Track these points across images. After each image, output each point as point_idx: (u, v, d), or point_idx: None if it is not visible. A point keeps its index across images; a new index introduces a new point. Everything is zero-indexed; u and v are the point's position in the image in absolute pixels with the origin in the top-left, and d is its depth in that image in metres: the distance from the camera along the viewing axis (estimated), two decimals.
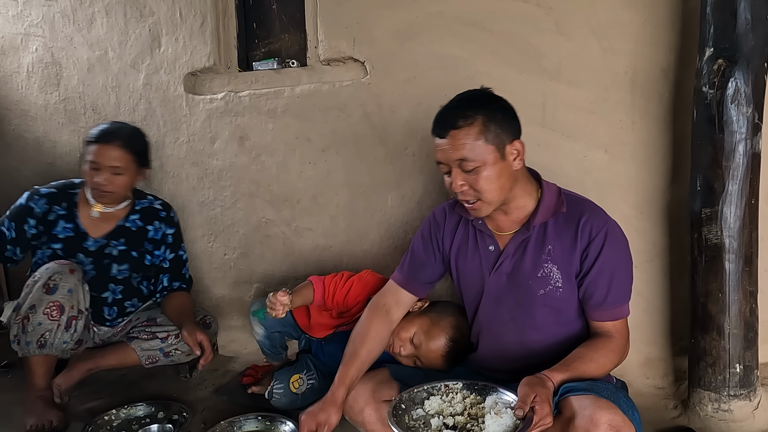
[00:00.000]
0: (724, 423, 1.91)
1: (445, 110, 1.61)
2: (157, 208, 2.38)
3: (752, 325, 1.91)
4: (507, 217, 1.68)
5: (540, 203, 1.64)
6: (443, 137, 1.57)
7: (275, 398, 2.10)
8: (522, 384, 1.43)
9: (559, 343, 1.64)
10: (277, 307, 1.98)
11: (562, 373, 1.48)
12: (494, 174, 1.56)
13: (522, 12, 2.19)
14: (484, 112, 1.55)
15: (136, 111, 2.81)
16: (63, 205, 2.25)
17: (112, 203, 2.26)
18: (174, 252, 2.38)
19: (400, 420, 1.50)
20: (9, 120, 3.06)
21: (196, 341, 2.12)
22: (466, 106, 1.58)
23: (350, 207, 2.57)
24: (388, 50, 2.39)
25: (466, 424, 1.46)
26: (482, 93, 1.63)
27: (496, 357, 1.74)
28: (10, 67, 3.01)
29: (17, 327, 2.05)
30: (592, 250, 1.59)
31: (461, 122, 1.54)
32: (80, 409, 2.21)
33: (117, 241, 2.28)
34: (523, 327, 1.68)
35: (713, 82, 1.83)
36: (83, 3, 2.82)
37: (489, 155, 1.54)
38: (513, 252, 1.66)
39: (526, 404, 1.37)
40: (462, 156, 1.54)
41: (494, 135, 1.55)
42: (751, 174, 1.85)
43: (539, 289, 1.63)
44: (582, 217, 1.61)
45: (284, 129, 2.60)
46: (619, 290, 1.60)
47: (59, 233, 2.23)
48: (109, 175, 2.15)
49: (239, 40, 2.73)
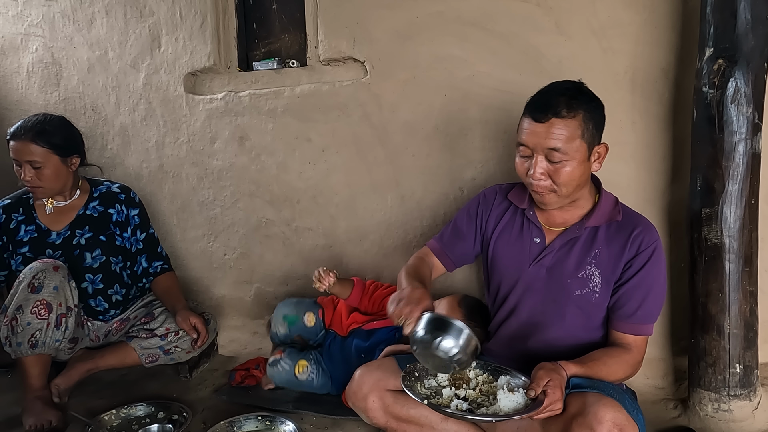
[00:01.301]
0: (724, 423, 1.91)
1: (549, 95, 1.56)
2: (115, 191, 2.40)
3: (752, 325, 1.91)
4: (561, 214, 1.68)
5: (596, 207, 1.65)
6: (541, 121, 1.53)
7: (278, 370, 2.14)
8: (537, 368, 1.46)
9: (578, 345, 1.65)
10: (324, 282, 2.14)
11: (577, 367, 1.50)
12: (577, 172, 1.55)
13: (522, 12, 2.19)
14: (587, 108, 1.54)
15: (136, 111, 2.81)
16: (20, 211, 2.30)
17: (50, 197, 2.28)
18: (144, 231, 2.43)
19: (413, 386, 1.52)
20: (9, 120, 3.06)
21: (190, 325, 2.22)
22: (571, 96, 1.54)
23: (350, 207, 2.57)
24: (388, 50, 2.39)
25: (476, 398, 1.49)
26: (586, 88, 1.60)
27: (513, 349, 1.74)
28: (10, 67, 3.01)
29: (6, 329, 2.06)
30: (636, 262, 1.60)
31: (565, 112, 1.51)
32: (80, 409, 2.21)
33: (81, 229, 2.31)
34: (550, 323, 1.69)
35: (713, 82, 1.83)
36: (83, 3, 2.83)
37: (579, 153, 1.53)
38: (559, 248, 1.67)
39: (539, 386, 1.40)
40: (555, 146, 1.52)
41: (590, 134, 1.54)
42: (751, 174, 1.85)
43: (577, 289, 1.64)
44: (636, 228, 1.62)
45: (284, 129, 2.60)
46: (650, 307, 1.61)
47: (23, 237, 2.27)
48: (31, 170, 2.17)
49: (239, 40, 2.73)
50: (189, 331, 2.24)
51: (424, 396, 1.50)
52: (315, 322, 2.24)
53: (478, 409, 1.44)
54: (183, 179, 2.80)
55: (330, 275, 2.16)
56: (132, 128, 2.84)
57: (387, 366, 1.75)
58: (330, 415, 2.10)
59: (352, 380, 1.75)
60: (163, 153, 2.80)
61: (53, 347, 2.09)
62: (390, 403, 1.66)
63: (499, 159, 2.31)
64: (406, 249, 2.51)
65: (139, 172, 2.86)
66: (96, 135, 2.89)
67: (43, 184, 2.20)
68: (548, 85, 1.61)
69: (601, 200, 1.66)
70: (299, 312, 2.24)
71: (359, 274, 2.53)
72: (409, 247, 2.50)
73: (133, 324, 2.37)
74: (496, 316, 1.82)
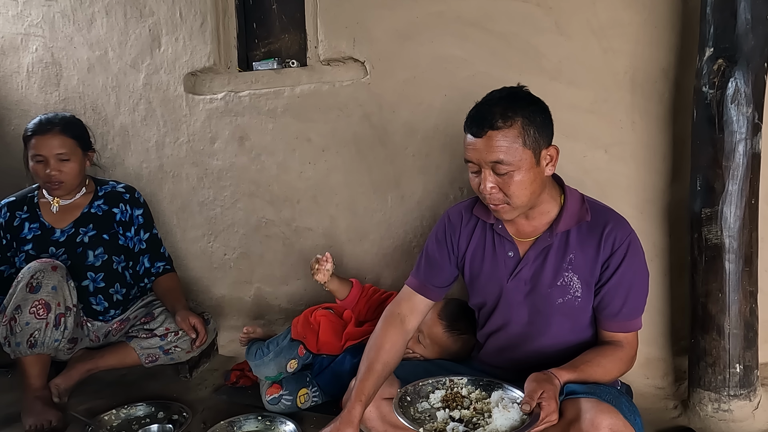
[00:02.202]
0: (724, 423, 1.91)
1: (483, 107, 1.53)
2: (120, 191, 2.41)
3: (752, 325, 1.91)
4: (529, 223, 1.64)
5: (563, 210, 1.61)
6: (479, 136, 1.49)
7: (281, 407, 2.07)
8: (529, 380, 1.43)
9: (568, 348, 1.63)
10: (323, 271, 2.11)
11: (570, 372, 1.48)
12: (527, 179, 1.50)
13: (522, 12, 2.19)
14: (524, 114, 1.49)
15: (136, 111, 2.81)
16: (24, 209, 2.32)
17: (67, 194, 2.29)
18: (148, 231, 2.43)
19: (406, 411, 1.50)
20: (9, 120, 3.07)
21: (190, 325, 2.22)
22: (506, 105, 1.49)
23: (350, 207, 2.57)
24: (388, 50, 2.39)
25: (472, 418, 1.46)
26: (523, 93, 1.56)
27: (504, 358, 1.73)
28: (10, 67, 3.01)
29: (5, 329, 2.06)
30: (613, 260, 1.57)
31: (501, 122, 1.47)
32: (80, 409, 2.21)
33: (85, 227, 2.31)
34: (537, 334, 1.66)
35: (713, 82, 1.83)
36: (83, 3, 2.83)
37: (525, 160, 1.48)
38: (533, 259, 1.63)
39: (533, 399, 1.37)
40: (497, 158, 1.48)
41: (533, 139, 1.49)
42: (751, 174, 1.85)
43: (558, 297, 1.61)
44: (606, 226, 1.58)
45: (284, 129, 2.60)
46: (634, 303, 1.59)
47: (27, 235, 2.28)
48: (57, 164, 2.18)
49: (239, 40, 2.73)
50: (188, 331, 2.24)
51: (418, 421, 1.47)
52: (299, 362, 2.13)
53: (475, 431, 1.41)
54: (183, 179, 2.80)
55: (327, 258, 2.13)
56: (132, 128, 2.84)
57: None
58: (330, 415, 2.09)
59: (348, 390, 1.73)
60: (163, 153, 2.80)
61: (52, 347, 2.09)
62: (387, 412, 1.63)
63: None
64: (406, 249, 2.51)
65: (139, 172, 2.86)
66: (96, 135, 2.84)
67: (65, 179, 2.22)
68: (485, 96, 1.57)
69: (567, 201, 1.61)
70: (280, 368, 2.10)
71: (359, 275, 2.53)
72: (409, 247, 2.50)
73: (133, 324, 2.37)
74: (483, 329, 1.79)
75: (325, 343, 2.14)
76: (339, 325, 2.20)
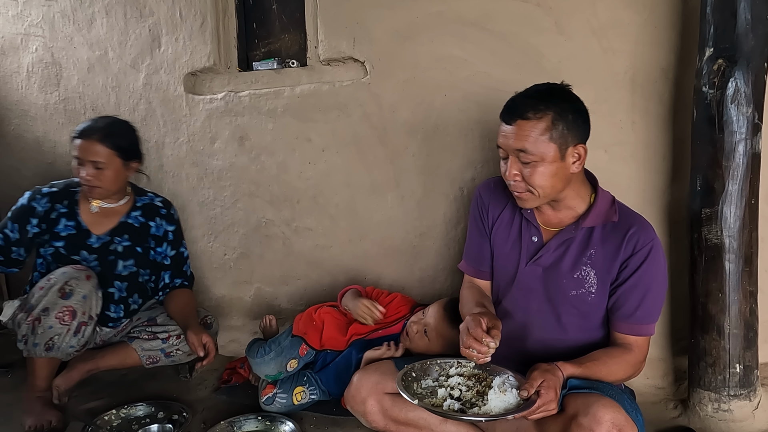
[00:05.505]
0: (724, 423, 1.91)
1: (519, 98, 1.59)
2: (158, 205, 2.38)
3: (752, 325, 1.91)
4: (555, 214, 1.69)
5: (592, 208, 1.64)
6: (509, 124, 1.57)
7: (276, 406, 2.08)
8: (533, 368, 1.46)
9: (577, 346, 1.65)
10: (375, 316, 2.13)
11: (574, 367, 1.50)
12: (549, 172, 1.55)
13: (522, 12, 2.19)
14: (556, 109, 1.54)
15: (136, 111, 2.81)
16: (64, 203, 2.25)
17: (104, 198, 2.25)
18: (175, 249, 2.38)
19: (409, 386, 1.53)
20: (9, 120, 3.07)
21: (201, 343, 2.10)
22: (540, 98, 1.56)
23: (350, 207, 2.57)
24: (388, 50, 2.39)
25: (470, 398, 1.49)
26: (560, 89, 1.61)
27: (511, 348, 1.73)
28: (10, 67, 3.01)
29: (27, 327, 2.03)
30: (632, 262, 1.59)
31: (531, 114, 1.54)
32: (80, 409, 2.21)
33: (121, 237, 2.28)
34: (546, 323, 1.69)
35: (713, 82, 1.83)
36: (83, 3, 2.82)
37: (549, 153, 1.54)
38: (555, 247, 1.67)
39: (532, 387, 1.41)
40: (522, 147, 1.54)
41: (560, 134, 1.54)
42: (751, 174, 1.85)
43: (572, 289, 1.64)
44: (631, 228, 1.61)
45: (284, 129, 2.60)
46: (649, 307, 1.61)
47: (61, 231, 2.23)
48: (93, 170, 2.15)
49: (239, 40, 2.73)
50: (198, 349, 2.09)
51: (417, 395, 1.50)
52: (299, 361, 2.12)
53: (470, 410, 1.44)
54: (183, 179, 2.80)
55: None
56: None
57: (385, 369, 1.75)
58: (330, 415, 2.10)
59: (351, 384, 1.75)
60: (163, 153, 2.80)
61: (66, 352, 2.08)
62: (388, 407, 1.67)
63: (498, 159, 2.30)
64: (406, 249, 2.51)
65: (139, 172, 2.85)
66: None
67: (100, 185, 2.17)
68: (527, 88, 1.63)
69: (597, 201, 1.65)
70: (280, 367, 2.10)
71: (359, 275, 2.54)
72: (409, 247, 2.50)
73: (135, 325, 2.36)
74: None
75: (329, 339, 2.15)
76: (343, 322, 2.20)
